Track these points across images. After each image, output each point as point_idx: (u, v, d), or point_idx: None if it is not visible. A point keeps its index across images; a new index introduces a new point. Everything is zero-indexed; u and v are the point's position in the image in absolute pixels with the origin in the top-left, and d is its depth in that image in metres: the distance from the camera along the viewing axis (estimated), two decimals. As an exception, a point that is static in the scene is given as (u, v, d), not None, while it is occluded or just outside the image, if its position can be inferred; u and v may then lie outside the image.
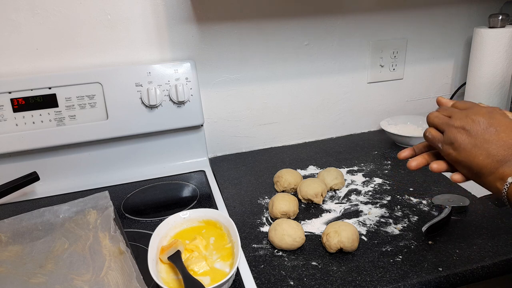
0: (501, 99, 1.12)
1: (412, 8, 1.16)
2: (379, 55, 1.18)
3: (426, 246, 0.70)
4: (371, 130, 1.28)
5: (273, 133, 1.18)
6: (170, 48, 1.00)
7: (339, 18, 1.10)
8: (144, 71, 0.95)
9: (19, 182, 0.89)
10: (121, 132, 0.96)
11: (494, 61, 1.07)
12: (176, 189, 0.95)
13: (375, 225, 0.77)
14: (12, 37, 0.90)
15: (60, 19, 0.91)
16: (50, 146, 0.93)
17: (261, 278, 0.65)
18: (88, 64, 0.96)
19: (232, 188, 0.95)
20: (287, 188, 0.90)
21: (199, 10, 0.99)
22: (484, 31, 1.07)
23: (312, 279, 0.64)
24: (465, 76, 1.18)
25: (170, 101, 0.97)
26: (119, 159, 1.01)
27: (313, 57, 1.12)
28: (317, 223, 0.79)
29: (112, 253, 0.67)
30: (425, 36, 1.21)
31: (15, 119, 0.89)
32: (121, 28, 0.95)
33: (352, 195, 0.89)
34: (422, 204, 0.83)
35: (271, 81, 1.11)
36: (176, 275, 0.61)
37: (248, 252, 0.72)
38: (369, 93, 1.23)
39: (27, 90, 0.89)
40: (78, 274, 0.63)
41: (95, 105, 0.93)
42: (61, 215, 0.77)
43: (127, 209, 0.87)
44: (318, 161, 1.07)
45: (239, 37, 1.04)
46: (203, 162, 1.07)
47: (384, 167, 1.00)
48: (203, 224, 0.71)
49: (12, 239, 0.73)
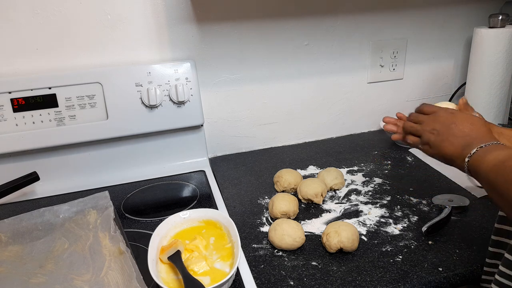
0: (501, 99, 1.12)
1: (412, 8, 1.16)
2: (379, 55, 1.18)
3: (426, 246, 0.70)
4: (371, 130, 1.28)
5: (273, 133, 1.18)
6: (170, 48, 1.00)
7: (339, 18, 1.10)
8: (144, 71, 0.95)
9: (19, 182, 0.89)
10: (121, 132, 0.96)
11: (494, 61, 1.07)
12: (176, 189, 0.95)
13: (375, 225, 0.77)
14: (12, 37, 0.90)
15: (60, 19, 0.91)
16: (50, 146, 0.93)
17: (261, 278, 0.65)
18: (88, 64, 0.96)
19: (232, 188, 0.95)
20: (287, 188, 0.90)
21: (199, 10, 0.99)
22: (484, 31, 1.07)
23: (312, 279, 0.64)
24: (465, 76, 1.18)
25: (170, 101, 0.97)
26: (119, 159, 1.01)
27: (313, 57, 1.12)
28: (317, 223, 0.79)
29: (112, 253, 0.67)
30: (425, 36, 1.21)
31: (15, 119, 0.89)
32: (121, 28, 0.95)
33: (352, 195, 0.89)
34: (422, 204, 0.83)
35: (271, 81, 1.11)
36: (176, 275, 0.61)
37: (248, 252, 0.72)
38: (369, 93, 1.23)
39: (27, 90, 0.89)
40: (78, 274, 0.63)
41: (95, 105, 0.93)
42: (61, 215, 0.77)
43: (127, 209, 0.87)
44: (318, 161, 1.07)
45: (239, 37, 1.04)
46: (203, 162, 1.07)
47: (384, 167, 1.00)
48: (203, 224, 0.71)
49: (12, 239, 0.72)
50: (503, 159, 0.53)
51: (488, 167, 0.54)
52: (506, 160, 0.52)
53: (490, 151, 0.56)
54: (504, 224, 0.59)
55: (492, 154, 0.55)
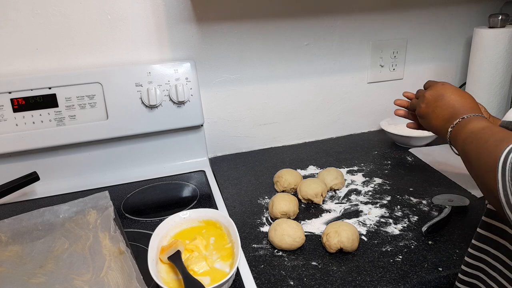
0: (501, 99, 1.12)
1: (412, 8, 1.16)
2: (379, 55, 1.18)
3: (426, 246, 0.70)
4: (371, 130, 1.28)
5: (273, 133, 1.18)
6: (170, 48, 1.00)
7: (339, 18, 1.10)
8: (144, 71, 0.95)
9: (19, 182, 0.89)
10: (121, 132, 0.96)
11: (494, 61, 1.07)
12: (176, 189, 0.95)
13: (375, 225, 0.77)
14: (12, 37, 0.90)
15: (60, 19, 0.91)
16: (50, 146, 0.93)
17: (261, 278, 0.65)
18: (88, 64, 0.96)
19: (232, 188, 0.95)
20: (287, 188, 0.90)
21: (199, 10, 0.99)
22: (484, 31, 1.07)
23: (312, 279, 0.64)
24: (465, 76, 1.18)
25: (170, 101, 0.97)
26: (119, 159, 1.01)
27: (313, 57, 1.12)
28: (317, 223, 0.79)
29: (112, 253, 0.67)
30: (425, 36, 1.21)
31: (15, 119, 0.89)
32: (121, 28, 0.95)
33: (352, 195, 0.89)
34: (422, 204, 0.83)
35: (271, 81, 1.11)
36: (176, 275, 0.61)
37: (248, 252, 0.72)
38: (369, 93, 1.23)
39: (27, 90, 0.89)
40: (78, 274, 0.63)
41: (95, 105, 0.93)
42: (61, 215, 0.77)
43: (127, 209, 0.87)
44: (318, 161, 1.07)
45: (239, 37, 1.04)
46: (203, 162, 1.07)
47: (384, 167, 1.00)
48: (203, 224, 0.71)
49: (12, 239, 0.72)
50: (478, 129, 0.55)
51: (464, 135, 0.57)
52: (480, 130, 0.54)
53: (469, 122, 0.59)
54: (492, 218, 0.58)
55: (470, 124, 0.58)
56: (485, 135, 0.52)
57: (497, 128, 0.52)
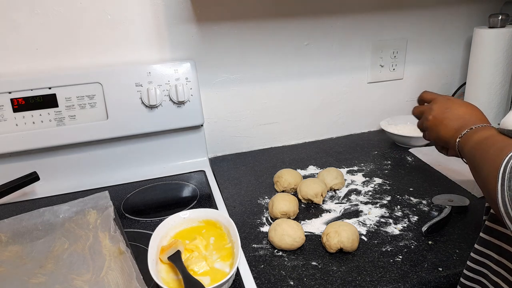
0: (501, 99, 1.12)
1: (412, 8, 1.16)
2: (379, 55, 1.18)
3: (426, 246, 0.70)
4: (371, 130, 1.28)
5: (273, 133, 1.18)
6: (170, 48, 1.00)
7: (339, 18, 1.10)
8: (144, 71, 0.95)
9: (19, 182, 0.89)
10: (121, 132, 0.96)
11: (494, 61, 1.07)
12: (176, 189, 0.95)
13: (375, 225, 0.77)
14: (12, 37, 0.90)
15: (60, 19, 0.91)
16: (50, 146, 0.93)
17: (261, 278, 0.65)
18: (88, 64, 0.96)
19: (232, 188, 0.95)
20: (287, 188, 0.90)
21: (199, 10, 0.99)
22: (484, 31, 1.07)
23: (312, 279, 0.64)
24: (465, 76, 1.18)
25: (170, 101, 0.97)
26: (119, 159, 1.01)
27: (313, 57, 1.12)
28: (317, 223, 0.79)
29: (112, 253, 0.67)
30: (425, 36, 1.21)
31: (15, 119, 0.89)
32: (121, 28, 0.95)
33: (352, 195, 0.89)
34: (422, 204, 0.83)
35: (271, 81, 1.11)
36: (176, 275, 0.61)
37: (248, 252, 0.72)
38: (369, 93, 1.23)
39: (27, 90, 0.89)
40: (78, 274, 0.63)
41: (95, 105, 0.93)
42: (61, 215, 0.77)
43: (127, 209, 0.87)
44: (318, 161, 1.07)
45: (239, 37, 1.04)
46: (203, 162, 1.07)
47: (384, 167, 1.00)
48: (203, 224, 0.71)
49: (12, 239, 0.72)
50: (483, 138, 0.55)
51: (470, 145, 0.57)
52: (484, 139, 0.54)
53: (477, 132, 0.59)
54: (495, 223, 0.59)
55: (477, 134, 0.58)
56: (487, 144, 0.52)
57: (500, 136, 0.52)
